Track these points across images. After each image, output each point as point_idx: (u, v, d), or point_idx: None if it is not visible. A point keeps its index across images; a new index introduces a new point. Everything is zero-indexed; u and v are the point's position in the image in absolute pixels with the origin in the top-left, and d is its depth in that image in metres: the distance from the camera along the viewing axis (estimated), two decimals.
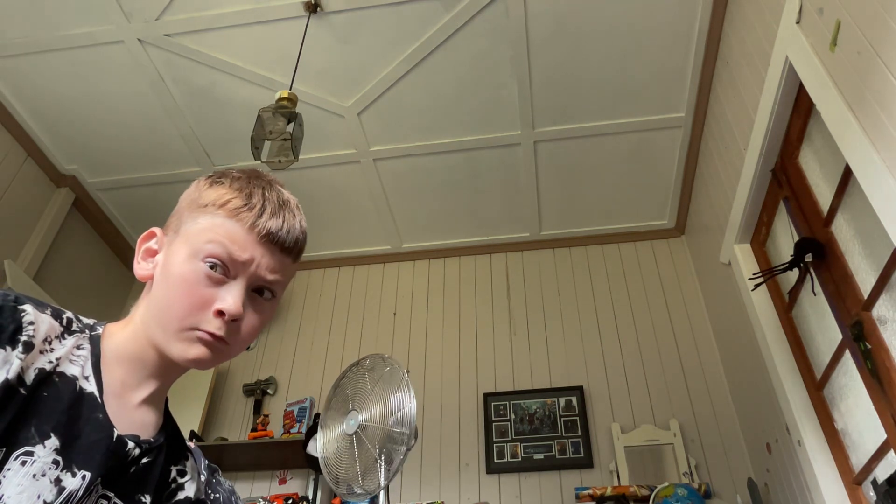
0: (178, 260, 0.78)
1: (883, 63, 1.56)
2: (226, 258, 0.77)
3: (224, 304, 0.76)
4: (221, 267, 0.77)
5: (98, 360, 0.75)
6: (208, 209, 0.80)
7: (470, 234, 3.83)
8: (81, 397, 0.71)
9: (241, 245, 0.78)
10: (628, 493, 2.70)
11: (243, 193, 0.81)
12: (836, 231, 2.06)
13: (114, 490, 0.72)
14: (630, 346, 3.37)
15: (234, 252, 0.77)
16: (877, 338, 1.85)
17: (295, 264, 0.86)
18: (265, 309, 0.82)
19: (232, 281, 0.78)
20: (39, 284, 3.15)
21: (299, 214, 0.86)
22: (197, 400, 3.32)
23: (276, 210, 0.81)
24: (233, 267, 0.78)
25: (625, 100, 3.07)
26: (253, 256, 0.78)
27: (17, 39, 2.85)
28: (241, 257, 0.78)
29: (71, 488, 0.66)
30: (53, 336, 0.71)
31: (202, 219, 0.79)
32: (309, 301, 3.86)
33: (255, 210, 0.80)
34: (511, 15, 2.72)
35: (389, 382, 1.97)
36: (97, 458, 0.69)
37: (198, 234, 0.78)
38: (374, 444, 1.91)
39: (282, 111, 2.28)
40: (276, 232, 0.80)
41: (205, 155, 3.34)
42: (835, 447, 2.18)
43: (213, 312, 0.76)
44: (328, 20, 2.75)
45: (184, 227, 0.80)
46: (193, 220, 0.80)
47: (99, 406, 0.72)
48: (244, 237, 0.78)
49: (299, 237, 0.84)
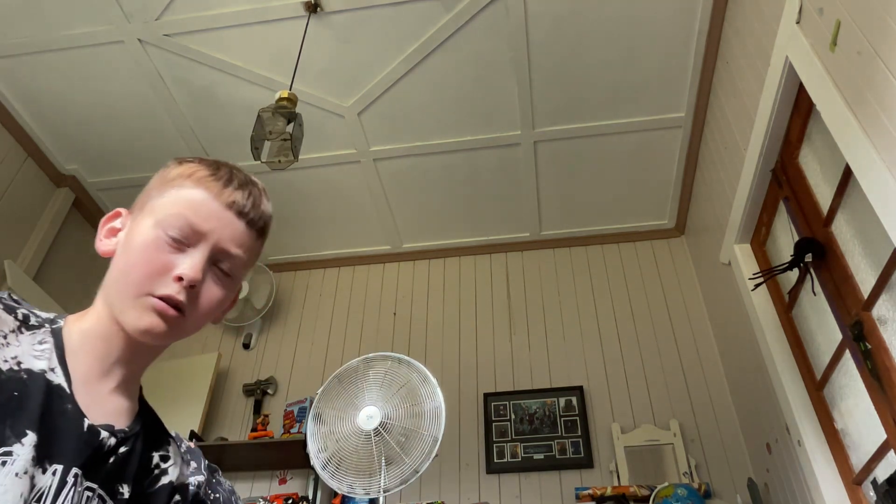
0: (140, 230, 0.78)
1: (883, 63, 1.56)
2: (188, 225, 0.77)
3: (183, 267, 0.75)
4: (183, 234, 0.77)
5: (62, 351, 0.73)
6: (175, 182, 0.81)
7: (470, 234, 3.83)
8: (51, 390, 0.69)
9: (204, 213, 0.78)
10: (628, 493, 2.70)
11: (211, 167, 0.82)
12: (836, 231, 2.06)
13: (96, 482, 0.71)
14: (630, 346, 3.37)
15: (196, 219, 0.78)
16: (877, 338, 1.85)
17: (259, 244, 0.85)
18: (226, 285, 0.81)
19: (193, 248, 0.77)
20: (39, 284, 3.15)
21: (266, 197, 0.87)
22: (197, 400, 3.32)
23: (242, 184, 0.82)
24: (195, 235, 0.77)
25: (625, 100, 3.07)
26: (216, 225, 0.78)
27: (17, 39, 2.85)
28: (203, 224, 0.78)
29: (41, 485, 0.65)
30: (8, 330, 0.70)
31: (169, 192, 0.80)
32: (309, 301, 3.86)
33: (221, 180, 0.81)
34: (511, 15, 2.72)
35: (417, 389, 1.97)
36: (70, 451, 0.68)
37: (163, 205, 0.79)
38: (398, 444, 1.92)
39: (282, 111, 2.28)
40: (241, 202, 0.81)
41: (205, 155, 3.34)
42: (835, 447, 2.18)
43: (172, 278, 0.75)
44: (328, 20, 2.75)
45: (150, 203, 0.80)
46: (160, 196, 0.80)
47: (68, 396, 0.71)
48: (208, 205, 0.79)
49: (265, 214, 0.85)
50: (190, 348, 3.72)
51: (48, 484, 0.66)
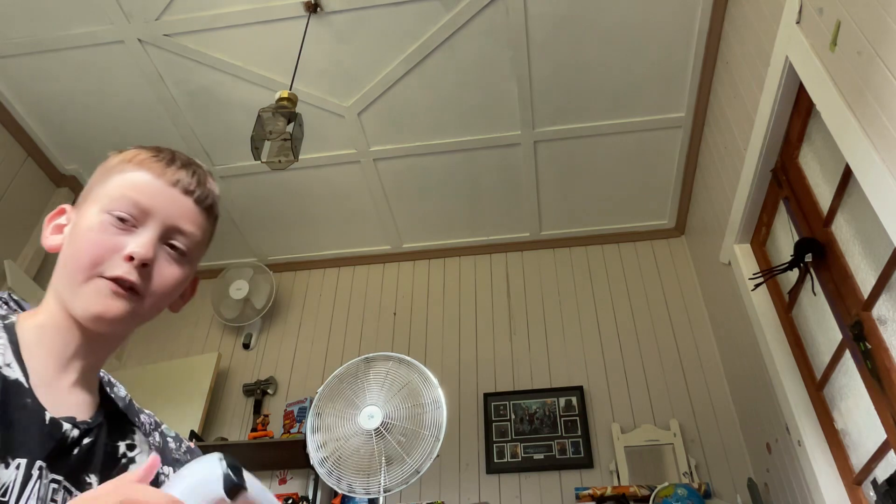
0: (86, 217, 0.77)
1: (883, 63, 1.56)
2: (133, 205, 0.76)
3: (131, 246, 0.74)
4: (129, 213, 0.76)
5: (17, 347, 0.72)
6: (116, 168, 0.80)
7: (470, 234, 3.83)
8: (7, 386, 0.68)
9: (149, 192, 0.78)
10: (628, 493, 2.70)
11: (152, 150, 0.82)
12: (836, 231, 2.06)
13: (61, 474, 0.70)
14: (630, 346, 3.37)
15: (142, 198, 0.77)
16: (877, 338, 1.85)
17: (210, 225, 0.84)
18: (182, 265, 0.80)
19: (141, 227, 0.77)
20: (39, 284, 3.15)
21: (212, 177, 0.86)
22: (197, 400, 3.32)
23: (185, 163, 0.82)
24: (141, 214, 0.77)
25: (625, 100, 3.07)
26: (162, 202, 0.78)
27: (17, 39, 2.85)
28: (149, 203, 0.77)
29: (5, 479, 0.64)
30: None
31: (111, 179, 0.79)
32: (309, 301, 3.86)
33: (163, 161, 0.80)
34: (511, 15, 2.72)
35: (419, 389, 1.97)
36: (32, 444, 0.67)
37: (106, 191, 0.78)
38: (399, 444, 1.92)
39: (282, 111, 2.28)
40: (186, 180, 0.80)
41: (205, 155, 3.34)
42: (835, 447, 2.18)
43: (122, 258, 0.74)
44: (328, 20, 2.75)
45: (93, 193, 0.80)
46: (103, 184, 0.80)
47: (27, 391, 0.70)
48: (153, 184, 0.78)
49: (212, 192, 0.84)
50: (190, 348, 3.72)
51: (12, 478, 0.65)
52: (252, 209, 3.66)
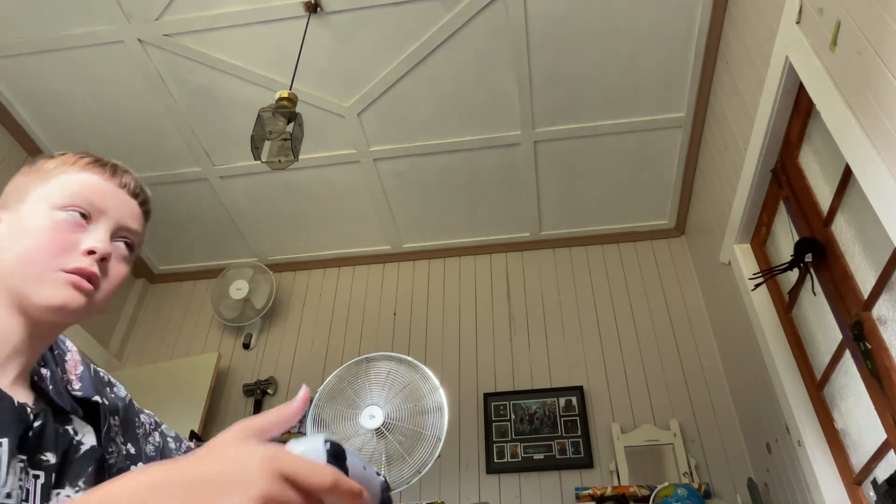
0: (34, 216, 0.78)
1: (883, 63, 1.56)
2: (87, 204, 0.80)
3: (91, 241, 0.78)
4: (83, 214, 0.79)
5: None
6: (58, 170, 0.82)
7: (470, 234, 3.83)
8: None
9: (101, 191, 0.82)
10: (628, 493, 2.70)
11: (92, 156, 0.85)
12: (836, 231, 2.06)
13: (24, 453, 0.71)
14: (630, 346, 3.37)
15: (95, 197, 0.81)
16: (877, 338, 1.85)
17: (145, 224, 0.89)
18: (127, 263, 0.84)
19: (94, 225, 0.80)
20: None
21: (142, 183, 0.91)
22: (197, 400, 3.31)
23: (125, 170, 0.87)
24: (96, 212, 0.80)
25: (625, 100, 3.07)
26: (114, 203, 0.82)
27: (17, 39, 2.85)
28: (102, 202, 0.81)
29: None
30: None
31: (55, 180, 0.81)
32: (309, 301, 3.86)
33: (107, 166, 0.85)
34: (511, 15, 2.72)
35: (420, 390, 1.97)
36: (9, 425, 0.69)
37: (53, 191, 0.80)
38: (400, 444, 1.92)
39: (282, 111, 2.28)
40: (132, 184, 0.86)
41: (205, 155, 3.34)
42: (835, 447, 2.18)
43: (80, 253, 0.77)
44: (328, 20, 2.75)
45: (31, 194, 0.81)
46: (44, 185, 0.81)
47: None
48: (103, 185, 0.82)
49: (149, 197, 0.89)
50: (190, 348, 3.72)
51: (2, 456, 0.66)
52: (252, 209, 3.66)
